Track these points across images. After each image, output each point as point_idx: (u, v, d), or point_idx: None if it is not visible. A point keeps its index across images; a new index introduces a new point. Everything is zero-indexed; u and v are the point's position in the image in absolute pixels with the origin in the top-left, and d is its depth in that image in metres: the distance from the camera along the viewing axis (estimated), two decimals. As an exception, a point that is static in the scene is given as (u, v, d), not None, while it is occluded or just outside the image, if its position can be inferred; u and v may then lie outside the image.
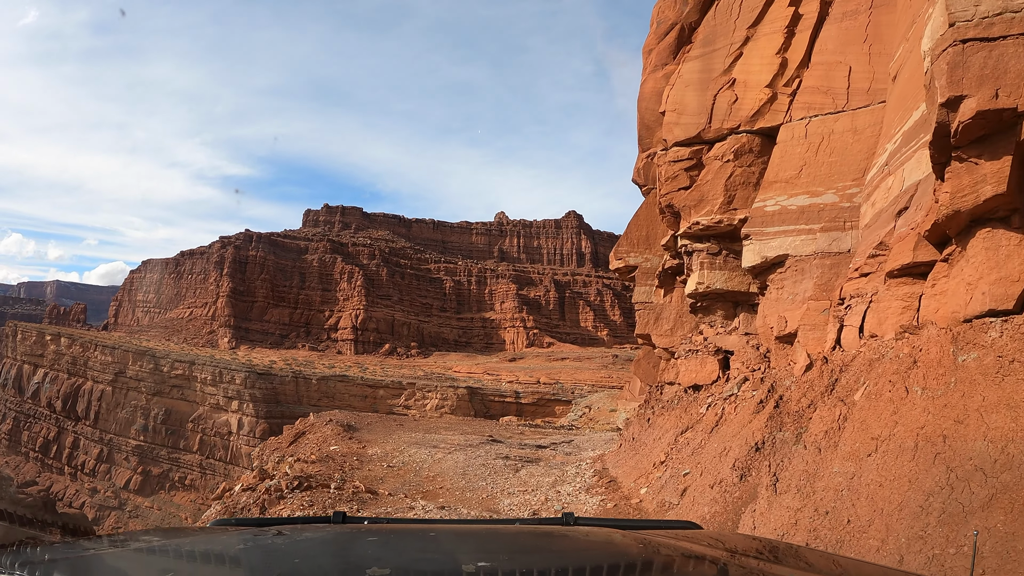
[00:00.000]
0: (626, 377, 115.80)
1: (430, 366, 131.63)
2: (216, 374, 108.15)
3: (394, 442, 33.46)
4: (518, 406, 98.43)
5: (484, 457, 29.60)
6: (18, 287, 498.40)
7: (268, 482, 21.59)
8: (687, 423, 21.56)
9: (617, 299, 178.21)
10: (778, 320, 19.67)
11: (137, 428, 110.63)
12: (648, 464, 21.88)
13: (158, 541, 3.53)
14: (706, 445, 18.84)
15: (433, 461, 28.78)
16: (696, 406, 22.13)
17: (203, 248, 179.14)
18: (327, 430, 35.55)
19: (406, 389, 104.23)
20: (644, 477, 20.99)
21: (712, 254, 22.93)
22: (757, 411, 16.98)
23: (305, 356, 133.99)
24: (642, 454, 23.59)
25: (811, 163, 20.07)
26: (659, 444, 22.48)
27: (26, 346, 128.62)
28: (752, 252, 20.42)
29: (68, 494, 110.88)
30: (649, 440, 23.81)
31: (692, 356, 23.17)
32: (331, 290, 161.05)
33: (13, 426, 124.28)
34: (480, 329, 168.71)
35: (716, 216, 22.29)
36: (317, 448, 32.16)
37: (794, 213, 19.91)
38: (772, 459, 13.56)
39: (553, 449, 34.25)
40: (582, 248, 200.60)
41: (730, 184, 22.31)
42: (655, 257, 28.22)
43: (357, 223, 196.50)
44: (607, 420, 62.82)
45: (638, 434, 25.73)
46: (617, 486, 22.39)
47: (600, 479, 23.91)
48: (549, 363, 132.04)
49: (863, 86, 19.40)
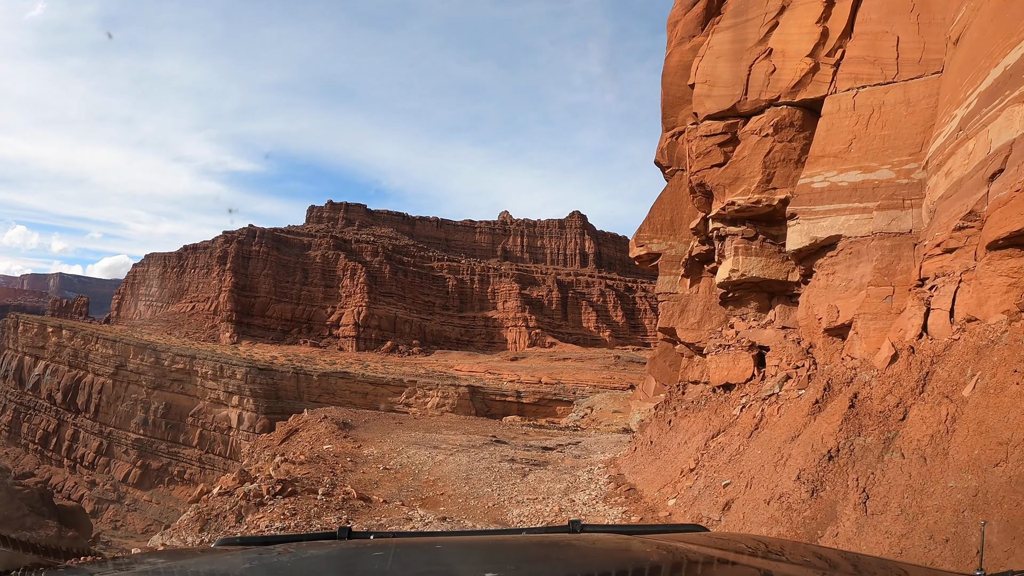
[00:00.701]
0: (629, 378, 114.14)
1: (432, 364, 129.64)
2: (217, 369, 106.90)
3: (392, 442, 30.82)
4: (519, 405, 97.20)
5: (488, 459, 26.97)
6: (21, 279, 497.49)
7: (248, 486, 18.93)
8: (718, 426, 18.92)
9: (620, 300, 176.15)
10: (828, 310, 17.03)
11: (137, 421, 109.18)
12: (674, 471, 19.24)
13: (163, 564, 3.47)
14: (746, 451, 16.21)
15: (434, 463, 26.14)
16: (728, 407, 19.49)
17: (206, 243, 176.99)
18: (321, 428, 32.89)
19: (407, 387, 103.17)
20: (671, 486, 18.33)
21: (747, 239, 20.30)
22: (813, 412, 14.39)
23: (307, 352, 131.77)
24: (664, 459, 20.94)
25: (861, 136, 17.67)
26: (685, 449, 19.83)
27: (27, 338, 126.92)
28: (799, 233, 17.77)
29: (67, 486, 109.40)
30: (672, 444, 21.16)
31: (723, 352, 20.49)
32: (334, 287, 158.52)
33: (13, 417, 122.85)
34: (482, 328, 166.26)
35: (754, 196, 19.66)
36: (309, 447, 29.56)
37: (845, 190, 17.41)
38: (854, 470, 10.88)
39: (560, 451, 31.62)
40: (585, 248, 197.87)
41: (769, 161, 19.72)
42: (680, 244, 25.52)
43: (361, 220, 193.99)
44: (609, 421, 60.77)
45: (657, 437, 23.08)
46: (638, 495, 19.74)
47: (617, 486, 21.26)
48: (551, 363, 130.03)
49: (913, 56, 17.15)
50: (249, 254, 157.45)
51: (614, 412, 69.38)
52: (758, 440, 16.25)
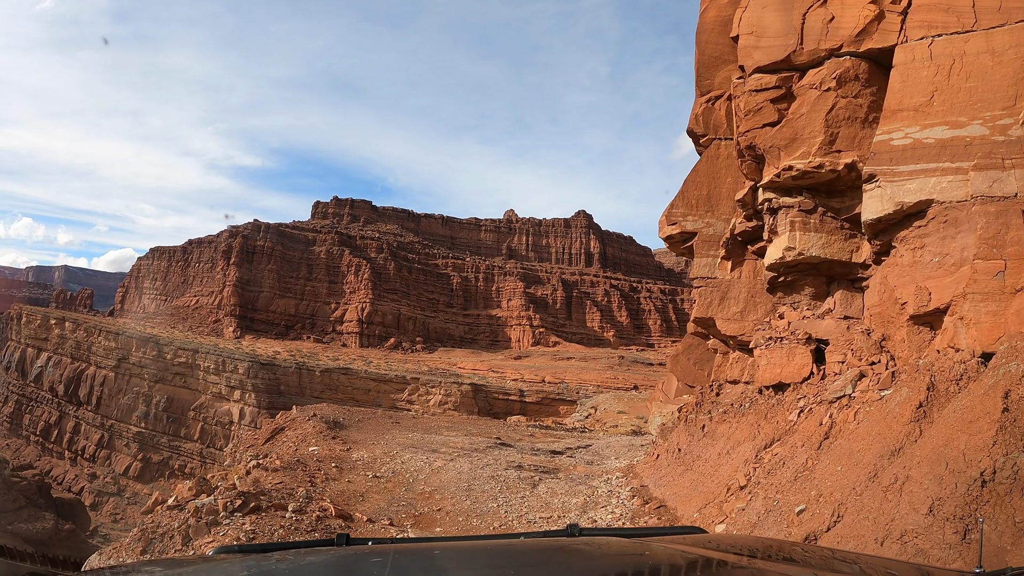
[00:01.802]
0: (632, 378, 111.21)
1: (435, 361, 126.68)
2: (219, 363, 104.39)
3: (386, 444, 27.22)
4: (522, 405, 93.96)
5: (493, 466, 23.38)
6: (26, 271, 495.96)
7: (202, 499, 15.30)
8: (771, 434, 15.34)
9: (624, 300, 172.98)
10: (916, 292, 13.47)
11: (138, 415, 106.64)
12: (716, 487, 15.65)
13: (160, 572, 3.44)
14: (817, 467, 12.66)
15: (431, 471, 22.53)
16: (781, 411, 15.90)
17: (211, 237, 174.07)
18: (308, 427, 29.28)
19: (410, 384, 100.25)
20: (715, 506, 14.72)
21: (805, 211, 16.71)
22: (917, 419, 10.91)
23: (310, 348, 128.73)
24: (700, 472, 17.36)
25: (944, 89, 14.44)
26: (729, 461, 16.25)
27: (30, 329, 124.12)
28: (879, 199, 14.19)
29: (67, 479, 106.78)
30: (709, 455, 17.57)
31: (774, 346, 16.86)
32: (338, 282, 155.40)
33: (15, 409, 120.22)
34: (486, 326, 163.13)
35: (815, 159, 16.10)
36: (294, 448, 26.02)
37: (933, 148, 14.02)
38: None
39: (571, 456, 28.05)
40: (591, 248, 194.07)
41: (832, 119, 16.20)
42: (719, 222, 21.83)
43: (366, 216, 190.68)
44: (615, 422, 57.97)
45: (687, 445, 19.49)
46: (673, 515, 16.14)
47: (643, 502, 17.67)
48: (554, 362, 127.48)
49: (992, 4, 14.47)
50: (254, 249, 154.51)
51: (619, 413, 66.87)
52: (832, 453, 12.69)
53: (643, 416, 59.40)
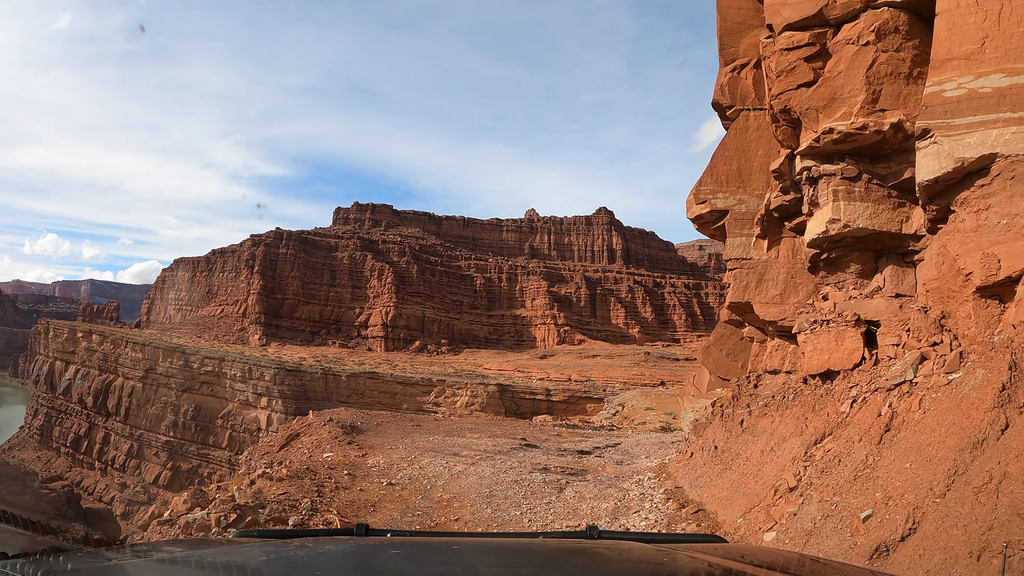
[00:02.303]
0: (659, 374, 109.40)
1: (461, 363, 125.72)
2: (245, 371, 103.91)
3: (404, 448, 25.71)
4: (549, 404, 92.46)
5: (517, 469, 21.79)
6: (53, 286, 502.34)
7: (195, 514, 13.85)
8: (821, 428, 13.65)
9: (648, 296, 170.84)
10: (982, 260, 11.76)
11: (167, 424, 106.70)
12: (761, 489, 13.97)
13: (180, 552, 3.52)
14: (879, 464, 10.99)
15: (451, 476, 20.98)
16: (831, 402, 14.19)
17: (234, 246, 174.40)
18: (324, 432, 27.85)
19: (436, 386, 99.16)
20: (762, 511, 13.04)
21: (849, 179, 14.98)
22: (1001, 404, 9.21)
23: (335, 353, 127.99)
24: (741, 472, 15.67)
25: (995, 35, 12.83)
26: (773, 459, 14.55)
27: (58, 343, 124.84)
28: (936, 156, 12.45)
29: (98, 489, 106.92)
30: (750, 452, 15.88)
31: (820, 330, 15.12)
32: (361, 287, 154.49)
33: (45, 421, 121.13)
34: (511, 326, 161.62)
35: (858, 119, 14.38)
36: (308, 455, 24.57)
37: (991, 97, 12.36)
38: None
39: (599, 456, 26.39)
40: (613, 245, 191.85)
41: (873, 75, 14.48)
42: (752, 198, 20.05)
43: (387, 221, 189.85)
44: (642, 419, 56.61)
45: (724, 442, 17.81)
46: (713, 521, 14.46)
47: (679, 506, 15.99)
48: (580, 360, 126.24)
49: None
50: (276, 257, 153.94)
51: (646, 409, 65.53)
52: (897, 448, 11.01)
53: (671, 412, 58.12)
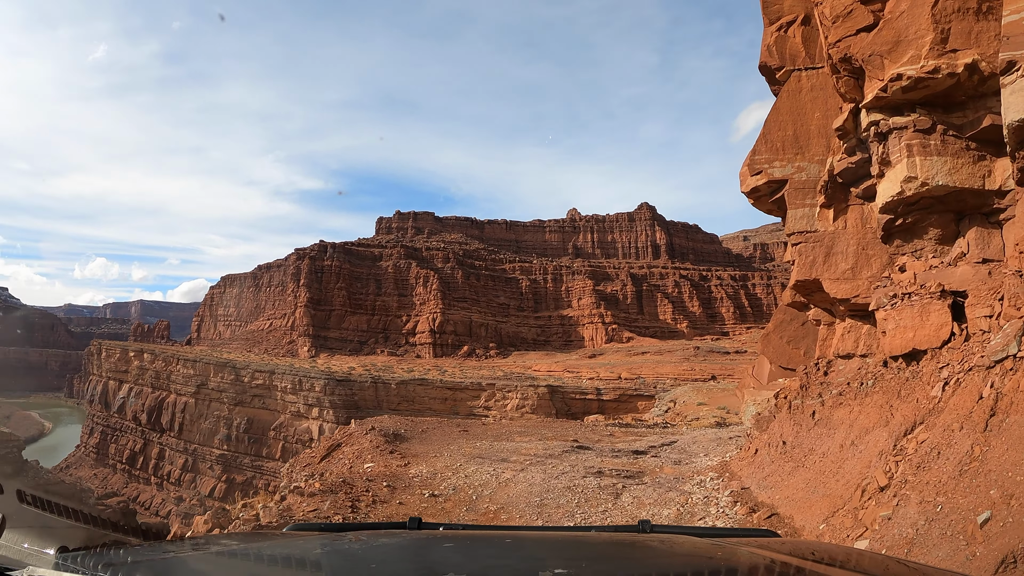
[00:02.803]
0: (710, 369, 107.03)
1: (509, 366, 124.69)
2: (296, 382, 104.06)
3: (449, 456, 24.23)
4: (600, 403, 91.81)
5: (570, 474, 20.19)
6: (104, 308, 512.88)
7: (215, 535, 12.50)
8: (910, 416, 11.82)
9: (695, 290, 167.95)
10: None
11: (220, 437, 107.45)
12: (844, 488, 12.18)
13: (237, 545, 3.55)
14: (989, 457, 9.30)
15: (498, 484, 19.45)
16: (919, 386, 12.36)
17: (279, 261, 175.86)
18: (366, 441, 26.51)
19: (486, 390, 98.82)
20: (848, 515, 11.27)
21: (922, 131, 13.14)
22: None
23: (384, 361, 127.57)
24: (816, 469, 13.86)
25: None
26: (855, 454, 12.75)
27: (111, 363, 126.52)
28: (1022, 93, 10.60)
29: (155, 503, 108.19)
30: (827, 447, 14.06)
31: (903, 305, 13.25)
32: (407, 295, 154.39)
33: (100, 439, 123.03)
34: (558, 327, 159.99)
35: (928, 62, 12.59)
36: (348, 465, 23.30)
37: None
38: None
39: (655, 455, 24.65)
40: (656, 240, 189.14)
41: (940, 12, 12.64)
42: (812, 164, 18.12)
43: (430, 228, 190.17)
44: (695, 414, 54.69)
45: (794, 436, 16.00)
46: (789, 527, 12.70)
47: (749, 510, 14.25)
48: (629, 358, 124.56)
49: None
50: (322, 269, 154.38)
51: (699, 405, 63.35)
52: (1008, 435, 9.26)
53: (725, 407, 56.27)
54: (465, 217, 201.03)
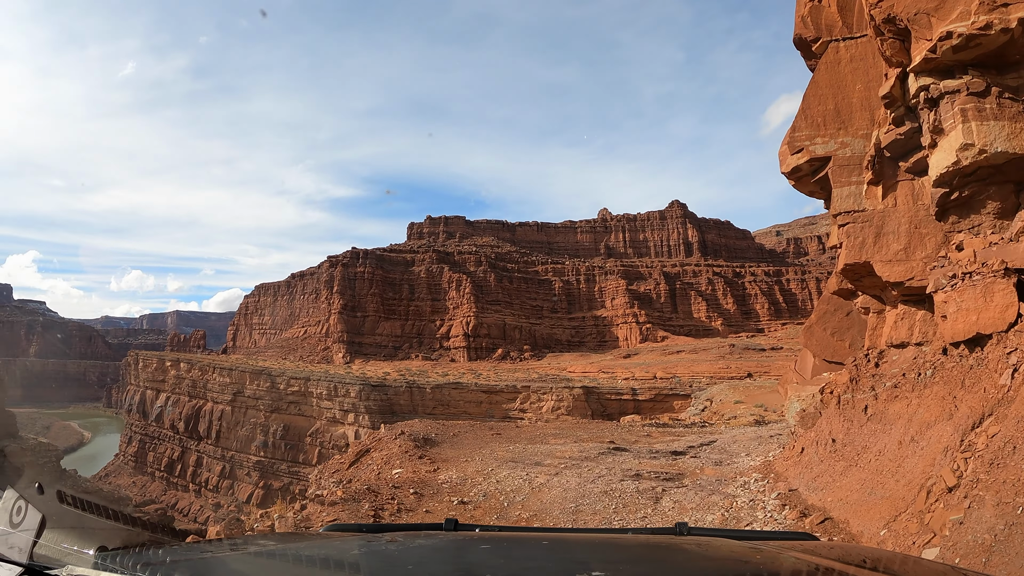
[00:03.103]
0: (745, 366, 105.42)
1: (544, 368, 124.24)
2: (331, 388, 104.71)
3: (481, 460, 23.28)
4: (635, 403, 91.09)
5: (606, 477, 19.15)
6: (141, 319, 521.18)
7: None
8: (978, 408, 10.69)
9: (729, 287, 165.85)
10: None
11: (257, 444, 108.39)
12: (906, 489, 11.04)
13: (275, 545, 3.59)
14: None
15: (531, 489, 18.44)
16: (986, 374, 11.19)
17: (313, 269, 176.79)
18: (395, 447, 25.63)
19: (521, 392, 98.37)
20: (912, 519, 10.13)
21: (976, 94, 11.97)
22: None
23: (419, 366, 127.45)
24: (872, 469, 12.71)
25: None
26: (916, 451, 11.60)
27: (148, 373, 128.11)
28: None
29: (193, 510, 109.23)
30: (883, 444, 12.89)
31: (963, 285, 12.04)
32: (440, 299, 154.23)
33: (139, 448, 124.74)
34: (592, 327, 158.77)
35: (979, 17, 11.49)
36: (377, 471, 22.46)
37: None
38: None
39: (695, 456, 23.50)
40: (689, 238, 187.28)
41: (989, -37, 11.49)
42: (856, 139, 16.86)
43: (461, 231, 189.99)
44: (732, 412, 53.07)
45: (845, 434, 14.83)
46: (845, 532, 11.57)
47: (799, 514, 13.12)
48: (664, 357, 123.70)
49: None
50: (354, 276, 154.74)
51: (736, 403, 61.78)
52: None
53: (762, 404, 55.22)
54: (496, 220, 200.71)
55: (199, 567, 2.91)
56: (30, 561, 2.72)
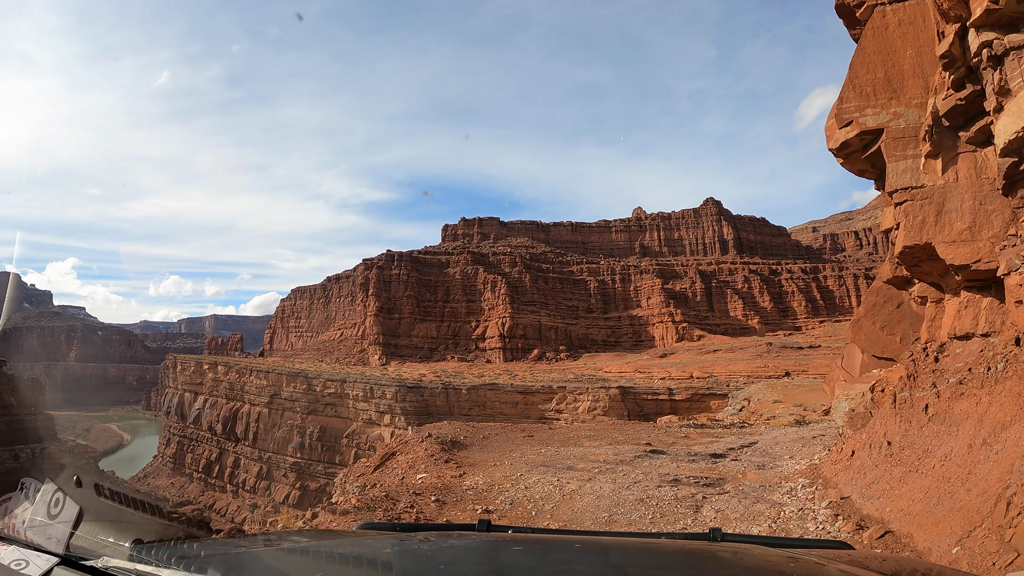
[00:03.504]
0: (783, 365, 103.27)
1: (580, 368, 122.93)
2: (367, 390, 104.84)
3: (510, 465, 22.13)
4: (672, 403, 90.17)
5: (643, 483, 17.88)
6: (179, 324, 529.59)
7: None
8: (1065, 407, 9.30)
9: (765, 285, 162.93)
10: None
11: (294, 446, 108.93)
12: (980, 500, 9.69)
13: (308, 542, 3.61)
14: None
15: (562, 496, 17.23)
16: (1070, 370, 9.81)
17: (348, 272, 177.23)
18: (420, 450, 24.58)
19: (557, 393, 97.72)
20: (992, 534, 8.80)
21: (1048, 53, 10.54)
22: None
23: (454, 367, 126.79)
24: (938, 476, 11.35)
25: None
26: (989, 456, 10.25)
27: (185, 376, 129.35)
28: None
29: (230, 510, 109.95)
30: (949, 448, 11.52)
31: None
32: (475, 301, 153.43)
33: (177, 450, 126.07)
34: (628, 327, 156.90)
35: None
36: (401, 476, 21.43)
37: None
38: None
39: (736, 459, 22.10)
40: (724, 235, 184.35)
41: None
42: (910, 109, 15.33)
43: (495, 233, 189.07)
44: (771, 412, 51.75)
45: (903, 436, 13.45)
46: (911, 549, 10.22)
47: (855, 527, 11.77)
48: (701, 356, 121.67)
49: None
50: (390, 278, 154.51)
51: (774, 402, 60.80)
52: None
53: (802, 404, 54.00)
54: (530, 221, 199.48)
55: (232, 561, 2.92)
56: (66, 551, 2.75)
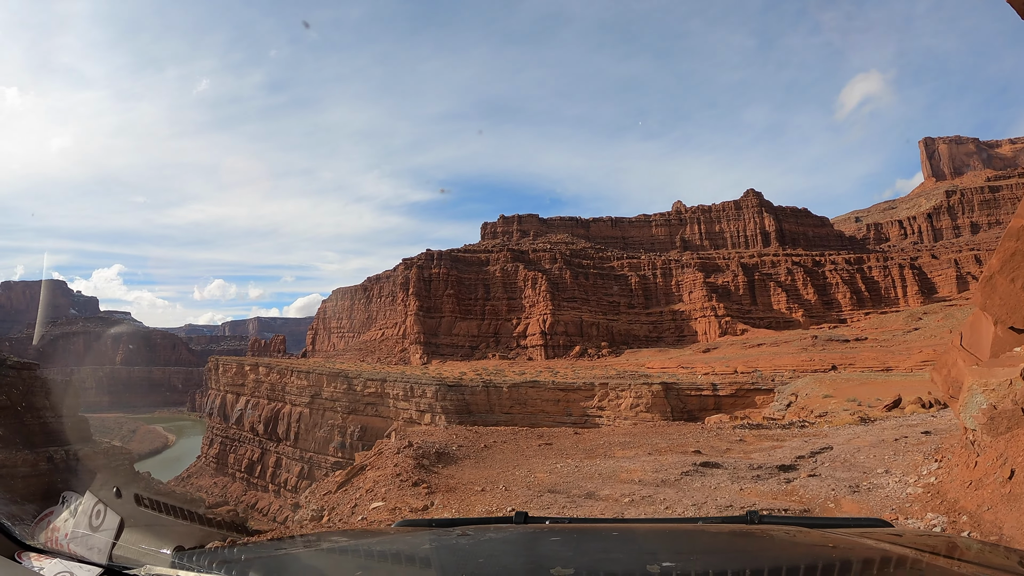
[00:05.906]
0: (829, 358, 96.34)
1: (622, 364, 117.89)
2: (407, 389, 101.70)
3: (505, 489, 15.89)
4: (716, 399, 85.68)
5: (685, 522, 11.68)
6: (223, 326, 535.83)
7: None
8: None
9: (809, 277, 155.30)
10: None
11: (335, 445, 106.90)
12: None
13: (348, 541, 3.63)
14: None
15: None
16: None
17: (388, 272, 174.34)
18: (389, 465, 18.55)
19: (598, 390, 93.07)
20: None
21: None
22: None
23: (495, 365, 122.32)
24: None
25: None
26: None
27: (227, 377, 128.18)
28: None
29: (272, 509, 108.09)
30: None
31: None
32: (516, 298, 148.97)
33: (220, 450, 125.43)
34: (670, 322, 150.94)
35: None
36: (353, 503, 15.46)
37: None
38: None
39: (814, 474, 15.70)
40: (766, 227, 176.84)
41: None
42: None
43: (535, 230, 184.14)
44: (822, 408, 47.58)
45: None
46: None
47: None
48: (744, 351, 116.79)
49: None
50: (430, 277, 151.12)
51: (824, 397, 57.26)
52: None
53: (855, 398, 50.64)
54: (570, 217, 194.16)
55: (274, 564, 3.00)
56: (109, 562, 2.74)
